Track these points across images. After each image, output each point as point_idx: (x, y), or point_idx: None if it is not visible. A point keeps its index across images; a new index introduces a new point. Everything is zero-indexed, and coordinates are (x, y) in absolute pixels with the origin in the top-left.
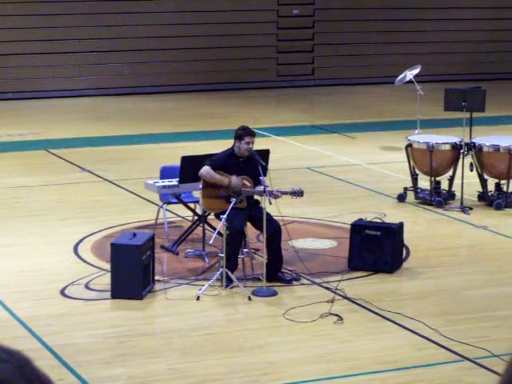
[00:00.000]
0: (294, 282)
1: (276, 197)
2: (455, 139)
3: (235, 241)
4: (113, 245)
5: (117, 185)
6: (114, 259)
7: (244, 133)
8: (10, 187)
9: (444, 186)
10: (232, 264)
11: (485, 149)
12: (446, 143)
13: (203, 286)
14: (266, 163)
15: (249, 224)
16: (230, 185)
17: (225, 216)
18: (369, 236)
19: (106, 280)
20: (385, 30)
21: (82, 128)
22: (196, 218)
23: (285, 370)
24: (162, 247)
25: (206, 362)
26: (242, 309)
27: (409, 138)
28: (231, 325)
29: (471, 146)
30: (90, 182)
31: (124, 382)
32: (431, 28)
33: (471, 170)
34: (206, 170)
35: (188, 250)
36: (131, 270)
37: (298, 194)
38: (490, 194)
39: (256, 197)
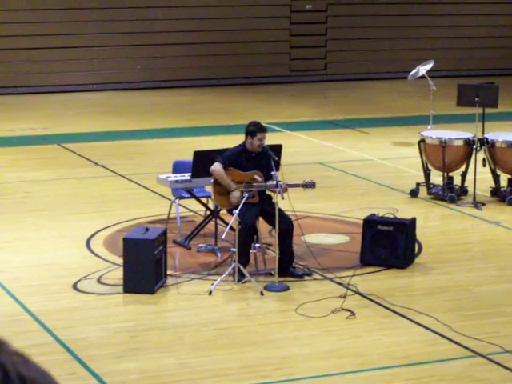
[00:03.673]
0: (306, 277)
1: (284, 190)
2: (468, 135)
3: (247, 235)
4: (125, 239)
5: (129, 179)
6: (127, 254)
7: (256, 129)
8: (23, 181)
9: (457, 181)
10: (244, 259)
11: (497, 144)
12: (459, 139)
13: (215, 280)
14: (279, 158)
15: (261, 219)
16: (230, 195)
17: (237, 211)
18: (381, 231)
19: (118, 274)
20: (397, 25)
21: (95, 122)
22: (208, 212)
23: (296, 365)
24: (175, 242)
25: (217, 356)
26: (254, 304)
27: (421, 133)
28: (243, 320)
29: (484, 142)
30: (103, 177)
31: (135, 376)
32: (444, 23)
33: (484, 166)
34: (217, 168)
35: (200, 245)
36: (143, 264)
37: (310, 185)
38: (502, 189)
39: (268, 192)
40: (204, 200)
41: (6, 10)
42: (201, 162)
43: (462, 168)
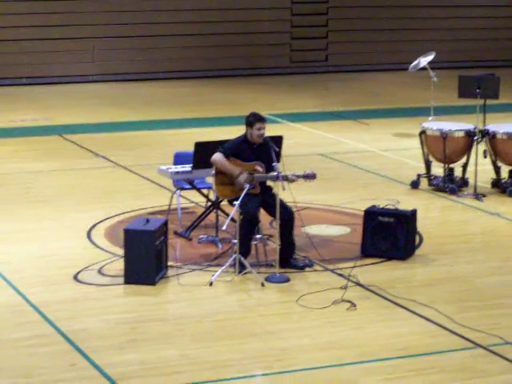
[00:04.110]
0: (307, 269)
1: (292, 181)
2: (469, 126)
3: (248, 226)
4: (126, 230)
5: (130, 170)
6: (127, 245)
7: (255, 119)
8: (24, 172)
9: (457, 172)
10: (245, 250)
11: (498, 136)
12: (460, 130)
13: (216, 271)
14: (280, 149)
15: (262, 210)
16: (237, 179)
17: (238, 202)
18: (382, 223)
19: (119, 265)
20: (399, 17)
21: (96, 114)
22: (209, 203)
23: (297, 356)
24: (176, 233)
25: (218, 348)
26: (255, 295)
27: (423, 124)
28: (244, 311)
29: (485, 133)
30: (104, 168)
31: (136, 367)
32: (445, 14)
33: (485, 157)
34: (218, 157)
35: (201, 236)
36: (144, 255)
37: (311, 177)
38: (503, 181)
39: (269, 183)
40: (205, 191)
41: (7, 1)
42: (202, 153)
43: (463, 159)
